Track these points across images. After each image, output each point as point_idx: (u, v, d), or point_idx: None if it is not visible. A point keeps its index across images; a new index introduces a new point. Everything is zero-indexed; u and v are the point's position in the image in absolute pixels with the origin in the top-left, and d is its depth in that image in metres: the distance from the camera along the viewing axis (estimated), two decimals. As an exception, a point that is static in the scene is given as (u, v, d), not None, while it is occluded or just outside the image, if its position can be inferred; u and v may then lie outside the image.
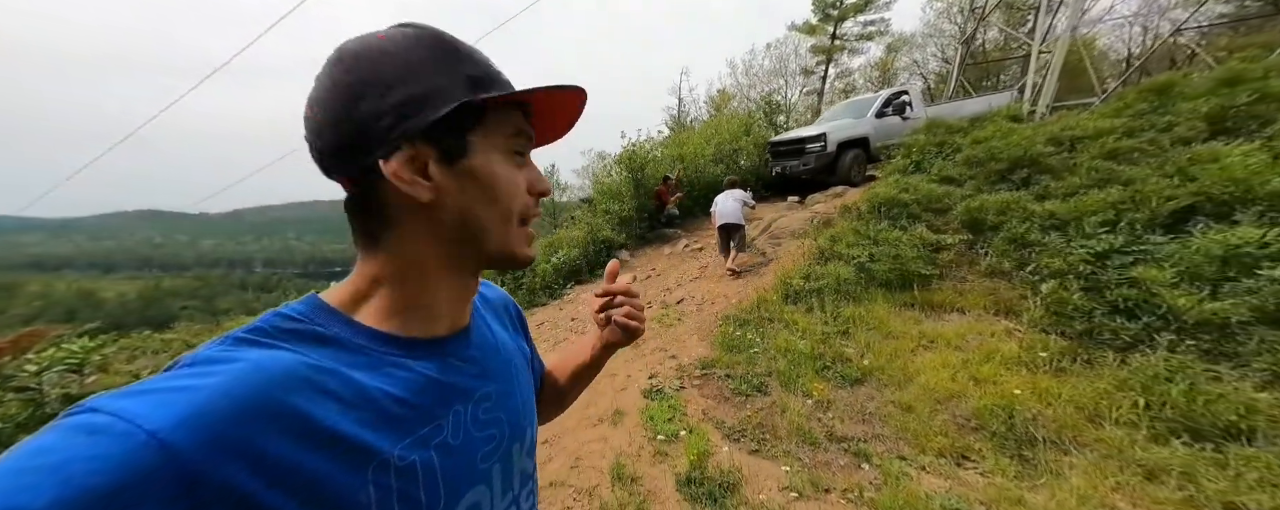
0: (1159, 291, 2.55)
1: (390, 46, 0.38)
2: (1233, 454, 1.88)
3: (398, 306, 0.41)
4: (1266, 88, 4.46)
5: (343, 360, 0.36)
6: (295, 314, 0.38)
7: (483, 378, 0.46)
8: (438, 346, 0.43)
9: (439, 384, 0.41)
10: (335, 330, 0.38)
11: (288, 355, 0.33)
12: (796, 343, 3.42)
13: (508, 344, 0.55)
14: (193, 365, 0.31)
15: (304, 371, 0.33)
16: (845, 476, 2.25)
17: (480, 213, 0.40)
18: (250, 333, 0.35)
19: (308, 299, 0.41)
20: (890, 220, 4.73)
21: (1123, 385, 2.30)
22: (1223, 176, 3.24)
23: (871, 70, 24.16)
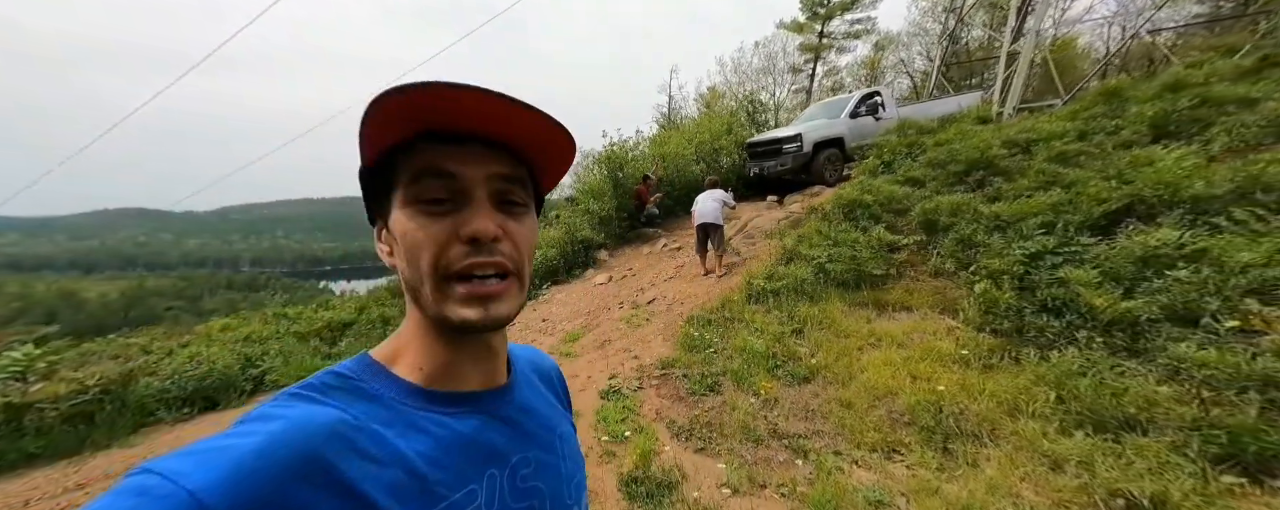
0: (1080, 291, 2.68)
1: None
2: (1129, 444, 2.01)
3: (424, 360, 0.41)
4: (1207, 93, 4.64)
5: (381, 417, 0.36)
6: (345, 371, 0.39)
7: (523, 442, 0.44)
8: (475, 402, 0.42)
9: (474, 444, 0.40)
10: (377, 387, 0.38)
11: (330, 412, 0.34)
12: (753, 342, 3.53)
13: (552, 412, 0.51)
14: (245, 422, 0.33)
15: (343, 430, 0.33)
16: (782, 472, 2.36)
17: (407, 275, 0.38)
18: (303, 388, 0.36)
19: (359, 357, 0.41)
20: (852, 221, 4.85)
21: (1040, 380, 2.43)
22: (1154, 180, 3.39)
23: (859, 69, 24.38)
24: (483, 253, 0.37)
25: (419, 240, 0.37)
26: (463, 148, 0.37)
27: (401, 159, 0.37)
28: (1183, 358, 2.13)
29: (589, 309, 5.36)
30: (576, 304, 5.67)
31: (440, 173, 0.37)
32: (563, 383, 0.61)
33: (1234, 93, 4.51)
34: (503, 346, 0.46)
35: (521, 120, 0.37)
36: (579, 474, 0.51)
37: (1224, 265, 2.46)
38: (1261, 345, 2.00)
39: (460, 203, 0.37)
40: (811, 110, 9.32)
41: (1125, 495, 1.80)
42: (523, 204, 0.41)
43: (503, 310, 0.38)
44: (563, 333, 4.71)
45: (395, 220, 0.38)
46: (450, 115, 0.35)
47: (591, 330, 4.63)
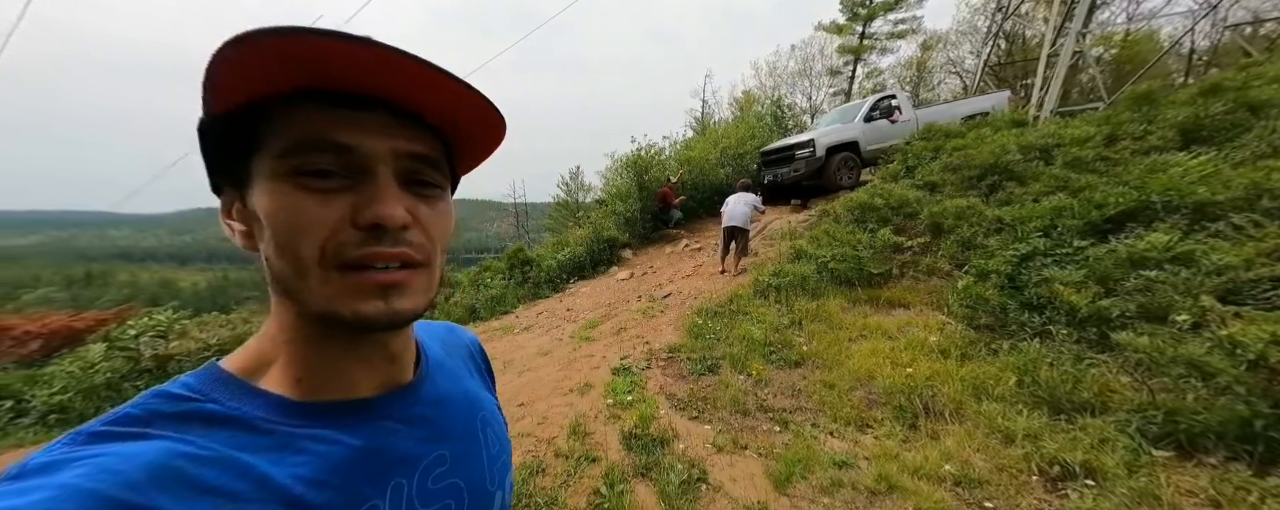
0: (1060, 290, 2.81)
1: None
2: (1080, 423, 2.18)
3: (301, 369, 0.34)
4: (1243, 97, 4.46)
5: (242, 443, 0.29)
6: (182, 391, 0.31)
7: (434, 440, 0.39)
8: (367, 409, 0.35)
9: (370, 455, 0.34)
10: (233, 406, 0.31)
11: (155, 447, 0.26)
12: (753, 331, 3.82)
13: (473, 395, 0.47)
14: (21, 476, 0.24)
15: (178, 464, 0.26)
16: (764, 439, 2.66)
17: (277, 264, 0.31)
18: (110, 424, 0.27)
19: (205, 369, 0.33)
20: (860, 224, 5.01)
21: (1007, 368, 2.60)
22: (1161, 186, 3.40)
23: (904, 69, 23.55)
24: (385, 242, 0.30)
25: (299, 223, 0.29)
26: (361, 113, 0.30)
27: (274, 116, 0.29)
28: (1126, 344, 2.27)
29: (609, 301, 5.79)
30: (598, 297, 6.12)
31: (334, 145, 0.29)
32: (484, 356, 0.57)
33: (1273, 96, 4.33)
34: (405, 346, 0.39)
35: (443, 89, 0.30)
36: (504, 454, 0.46)
37: (1202, 268, 2.53)
38: (1204, 337, 2.11)
39: (356, 179, 0.30)
40: (828, 116, 9.32)
41: (1062, 464, 1.99)
42: (438, 186, 0.35)
43: (407, 304, 0.31)
44: (584, 320, 5.16)
45: (262, 195, 0.30)
46: (348, 71, 0.28)
47: (609, 319, 5.05)
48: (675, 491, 2.24)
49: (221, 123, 0.30)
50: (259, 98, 0.29)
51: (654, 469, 2.41)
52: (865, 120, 7.59)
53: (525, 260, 7.41)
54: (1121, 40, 17.24)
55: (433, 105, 0.32)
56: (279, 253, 0.30)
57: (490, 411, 0.48)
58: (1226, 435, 1.87)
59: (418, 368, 0.42)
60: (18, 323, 5.58)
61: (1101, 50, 16.34)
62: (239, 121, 0.29)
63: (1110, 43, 16.43)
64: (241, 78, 0.27)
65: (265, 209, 0.30)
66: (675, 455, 2.54)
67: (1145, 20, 13.72)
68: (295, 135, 0.29)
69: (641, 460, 2.49)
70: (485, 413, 0.47)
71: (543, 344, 4.57)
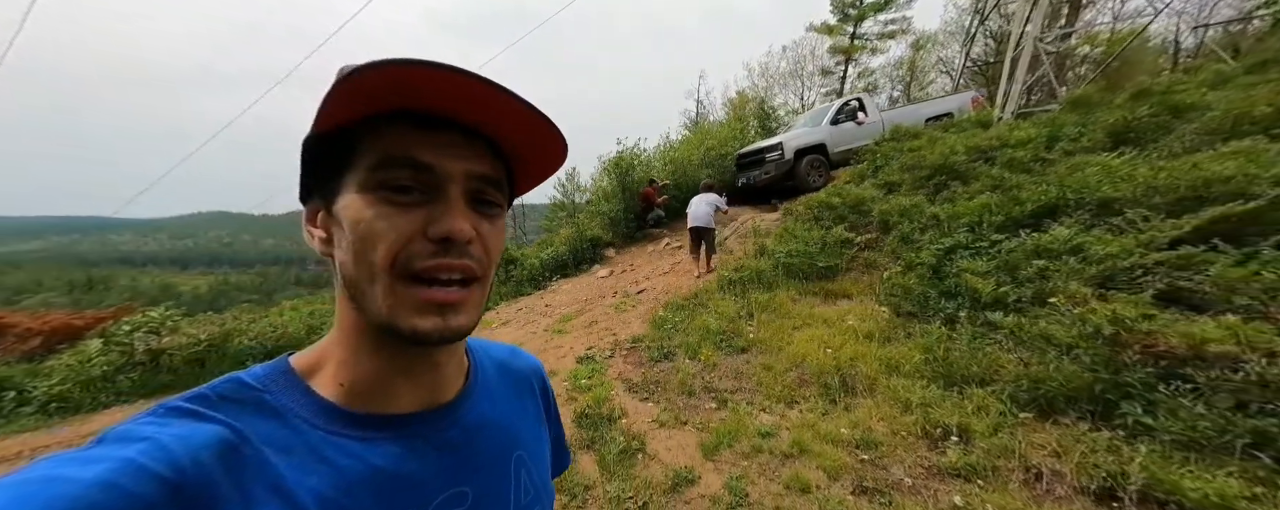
0: (969, 279, 3.09)
1: None
2: (967, 393, 2.46)
3: (344, 375, 0.35)
4: (1167, 101, 4.76)
5: (278, 440, 0.31)
6: (251, 379, 0.33)
7: (459, 471, 0.37)
8: (402, 426, 0.35)
9: (387, 478, 0.33)
10: (283, 400, 0.33)
11: (210, 433, 0.29)
12: (710, 322, 4.10)
13: (514, 429, 0.44)
14: (101, 442, 0.27)
15: (220, 456, 0.28)
16: (703, 415, 2.95)
17: (350, 269, 0.32)
18: (189, 400, 0.31)
19: (276, 361, 0.36)
20: (818, 221, 5.29)
21: (917, 348, 2.88)
22: (1075, 184, 3.69)
23: (895, 69, 23.73)
24: (452, 254, 0.32)
25: (377, 230, 0.31)
26: (439, 135, 0.32)
27: (367, 137, 0.32)
28: (999, 323, 2.55)
29: (587, 297, 6.06)
30: (577, 293, 6.39)
31: (415, 163, 0.31)
32: (545, 387, 0.53)
33: (1192, 99, 4.62)
34: (452, 358, 0.40)
35: (511, 113, 0.32)
36: (537, 506, 0.43)
37: (1088, 257, 2.82)
38: (1070, 316, 2.40)
39: (431, 196, 0.32)
40: (798, 121, 9.58)
41: (943, 426, 2.28)
42: (498, 205, 0.36)
43: (462, 322, 0.33)
44: (559, 315, 5.43)
45: (347, 204, 0.32)
46: (431, 96, 0.30)
47: (584, 314, 5.33)
48: (614, 459, 2.52)
49: (324, 140, 0.33)
50: (359, 118, 0.31)
51: (598, 442, 2.69)
52: (832, 123, 7.87)
53: (510, 259, 7.67)
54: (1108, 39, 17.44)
55: (500, 128, 0.34)
56: (355, 258, 0.32)
57: (533, 453, 0.45)
58: (1077, 398, 2.15)
59: (464, 387, 0.41)
60: (21, 320, 5.89)
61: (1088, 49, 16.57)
62: (338, 140, 0.32)
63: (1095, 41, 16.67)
64: (345, 103, 0.30)
65: (350, 216, 0.32)
66: (620, 430, 2.81)
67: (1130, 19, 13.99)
68: (383, 152, 0.31)
69: (589, 435, 2.77)
70: (524, 452, 0.44)
71: (517, 337, 4.84)
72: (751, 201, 8.41)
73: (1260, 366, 1.73)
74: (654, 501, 2.19)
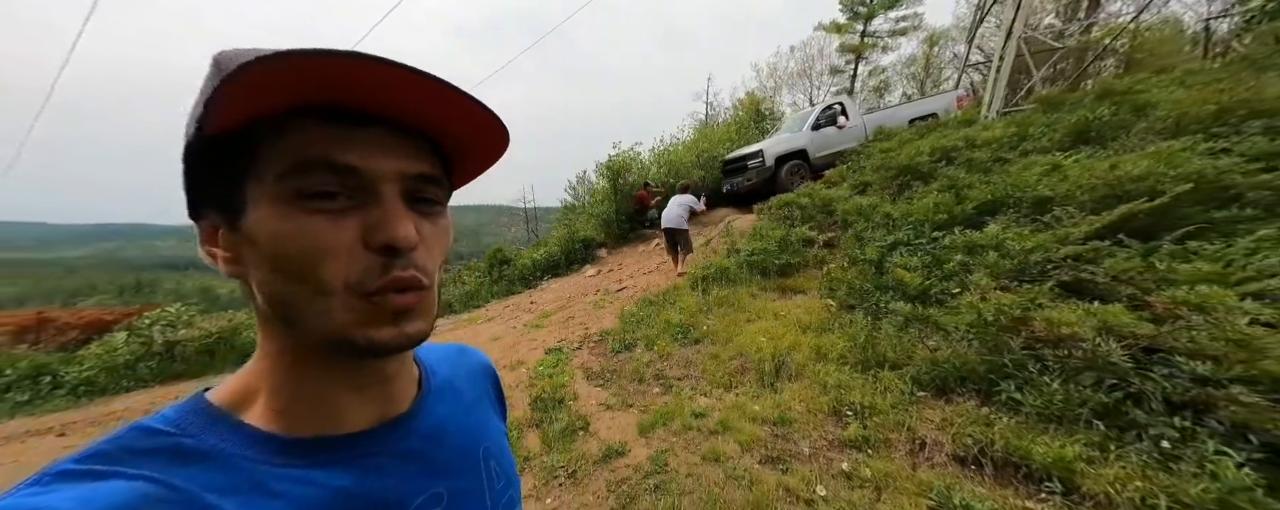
0: (900, 273, 3.24)
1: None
2: (881, 377, 2.63)
3: (281, 403, 0.31)
4: (1129, 100, 4.79)
5: (218, 484, 0.27)
6: (160, 425, 0.29)
7: (430, 475, 0.36)
8: (355, 446, 0.33)
9: (351, 499, 0.31)
10: (209, 441, 0.29)
11: (119, 489, 0.24)
12: (672, 316, 4.31)
13: (478, 425, 0.44)
14: None
15: (140, 508, 0.24)
16: (648, 400, 3.17)
17: (277, 289, 0.29)
18: (80, 461, 0.25)
19: (188, 400, 0.31)
20: (786, 221, 5.45)
21: (845, 337, 3.05)
22: (1016, 184, 3.80)
23: (906, 66, 23.19)
24: (397, 266, 0.29)
25: (311, 247, 0.27)
26: (363, 131, 0.28)
27: (267, 138, 0.27)
28: (915, 315, 2.71)
29: (571, 295, 6.33)
30: (563, 291, 6.67)
31: (332, 165, 0.27)
32: (496, 381, 0.53)
33: (1154, 98, 4.65)
34: (401, 369, 0.37)
35: (444, 102, 0.29)
36: (510, 490, 0.43)
37: (1007, 252, 2.95)
38: (967, 307, 2.55)
39: (360, 200, 0.29)
40: (782, 126, 9.59)
41: (851, 404, 2.46)
42: (439, 203, 0.33)
43: (420, 327, 0.30)
44: (541, 312, 5.71)
45: (259, 220, 0.28)
46: (349, 88, 0.26)
47: (564, 310, 5.60)
48: (556, 436, 2.77)
49: (213, 145, 0.27)
50: (255, 118, 0.26)
51: (545, 421, 2.94)
52: (813, 128, 7.92)
53: (504, 260, 8.00)
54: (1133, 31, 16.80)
55: (435, 121, 0.30)
56: (280, 278, 0.28)
57: (496, 443, 0.44)
58: (967, 378, 2.31)
59: (417, 396, 0.39)
60: (60, 315, 6.56)
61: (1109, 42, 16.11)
62: (231, 144, 0.27)
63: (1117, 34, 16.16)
64: (240, 99, 0.25)
65: (270, 233, 0.27)
66: (568, 412, 3.06)
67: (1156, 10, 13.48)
68: (293, 157, 0.27)
69: (538, 416, 3.02)
70: (490, 444, 0.43)
71: (498, 331, 5.13)
72: (737, 204, 8.56)
73: (1091, 346, 1.87)
74: (583, 470, 2.43)
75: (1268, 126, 3.31)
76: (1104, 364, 1.85)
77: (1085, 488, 1.68)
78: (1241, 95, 3.68)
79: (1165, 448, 1.63)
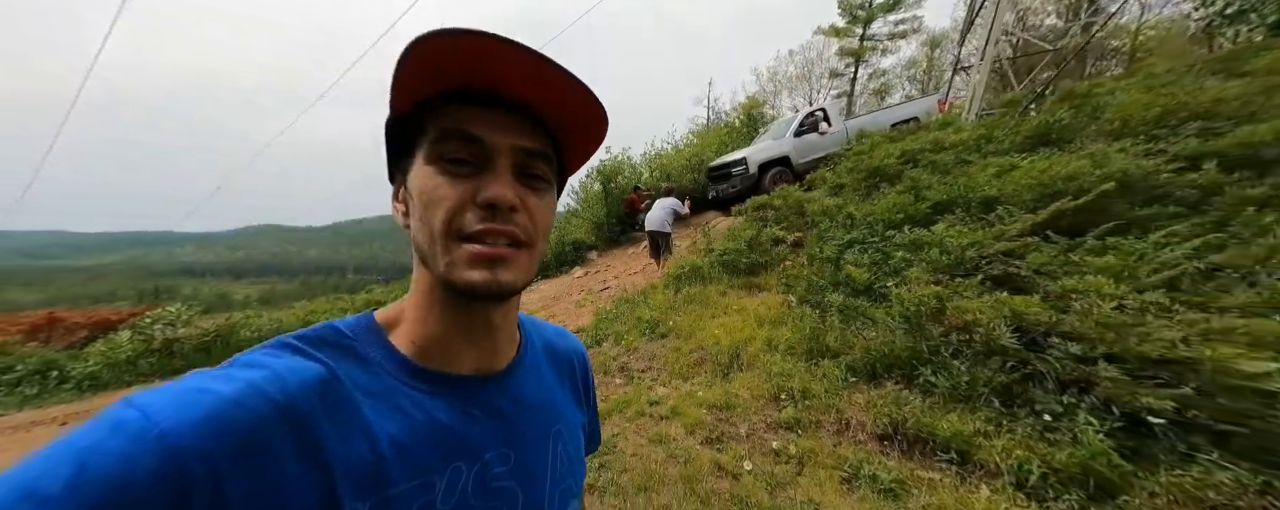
0: (850, 270, 3.37)
1: None
2: (822, 366, 2.76)
3: (416, 333, 0.38)
4: (1087, 103, 4.90)
5: (365, 385, 0.34)
6: (345, 328, 0.37)
7: (505, 441, 0.40)
8: (459, 387, 0.39)
9: (444, 432, 0.36)
10: (369, 351, 0.37)
11: (315, 369, 0.33)
12: (644, 313, 4.45)
13: (556, 406, 0.47)
14: (232, 366, 0.32)
15: (324, 390, 0.32)
16: (610, 390, 3.31)
17: (418, 234, 0.36)
18: (298, 339, 0.35)
19: (364, 315, 0.40)
20: (759, 221, 5.59)
21: (796, 330, 3.18)
22: (967, 185, 3.92)
23: (906, 69, 23.07)
24: (498, 219, 0.35)
25: (436, 198, 0.34)
26: (491, 112, 0.35)
27: (429, 116, 0.36)
28: (837, 304, 2.84)
29: (556, 295, 6.50)
30: (550, 292, 6.83)
31: (467, 136, 0.35)
32: (585, 372, 0.56)
33: (1101, 102, 4.76)
34: (506, 325, 0.42)
35: (560, 89, 0.35)
36: (570, 479, 0.45)
37: (947, 248, 3.07)
38: (903, 298, 2.67)
39: (482, 167, 0.35)
40: (765, 132, 9.57)
41: (789, 390, 2.59)
42: (545, 180, 0.39)
43: (510, 277, 0.35)
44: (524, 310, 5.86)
45: (414, 175, 0.36)
46: (487, 75, 0.34)
47: (546, 309, 5.76)
48: (520, 419, 2.90)
49: (400, 122, 0.36)
50: (417, 102, 0.35)
51: (512, 405, 3.08)
52: (795, 135, 7.91)
53: (497, 262, 8.16)
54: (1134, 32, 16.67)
55: (546, 103, 0.36)
56: (421, 224, 0.35)
57: (569, 427, 0.47)
58: (894, 365, 2.44)
59: (514, 360, 0.44)
60: (69, 315, 6.85)
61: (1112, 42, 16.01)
62: (410, 121, 0.36)
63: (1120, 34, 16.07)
64: (414, 84, 0.34)
65: (417, 186, 0.35)
66: (536, 398, 3.20)
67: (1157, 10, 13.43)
68: (442, 128, 0.35)
69: (507, 400, 3.16)
70: (562, 426, 0.46)
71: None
72: (722, 208, 8.67)
73: (986, 332, 2.00)
74: (538, 450, 2.57)
75: (1203, 128, 3.41)
76: (1000, 348, 1.98)
77: (977, 458, 1.80)
78: (1182, 99, 3.78)
79: (1047, 421, 1.75)
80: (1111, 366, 1.73)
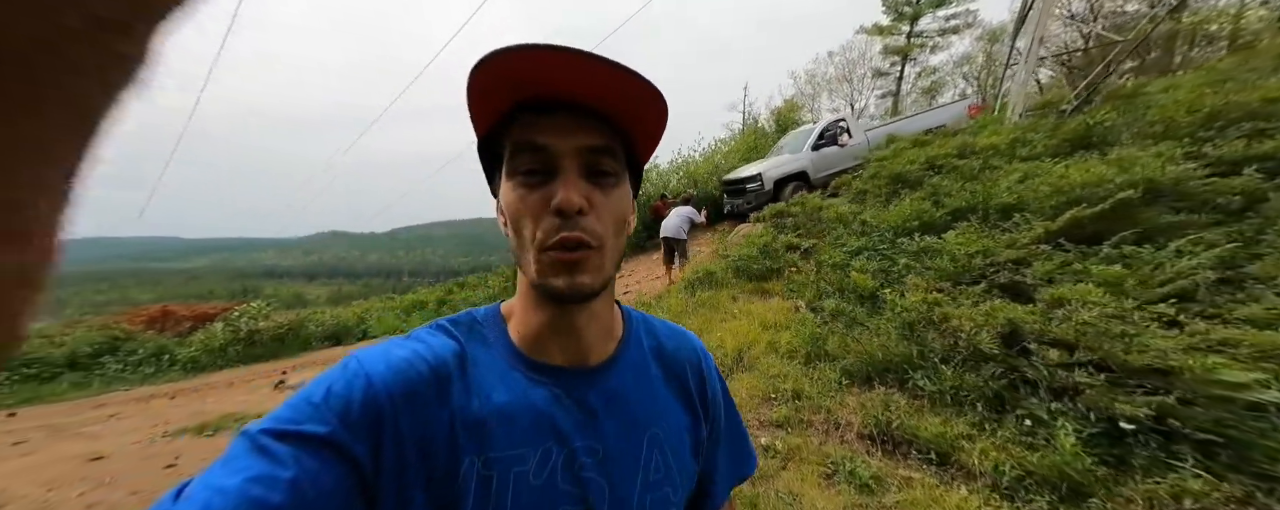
0: (856, 277, 3.36)
1: None
2: (819, 368, 2.79)
3: (521, 325, 0.43)
4: (1131, 104, 4.57)
5: (486, 363, 0.41)
6: (479, 316, 0.45)
7: (592, 433, 0.41)
8: (553, 376, 0.42)
9: (539, 413, 0.40)
10: (492, 335, 0.43)
11: (451, 346, 0.41)
12: (658, 316, 4.59)
13: (653, 408, 0.46)
14: (409, 338, 0.41)
15: (459, 364, 0.40)
16: (622, 383, 3.47)
17: (512, 244, 0.40)
18: (448, 322, 0.43)
19: (494, 305, 0.46)
20: (777, 228, 5.59)
21: (798, 334, 3.21)
22: (985, 192, 3.79)
23: (962, 65, 21.33)
24: (567, 226, 0.36)
25: (518, 212, 0.38)
26: (553, 118, 0.37)
27: (504, 132, 0.38)
28: (838, 310, 2.84)
29: (581, 296, 6.75)
30: (576, 293, 7.09)
31: (533, 146, 0.37)
32: (701, 376, 0.52)
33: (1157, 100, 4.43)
34: (592, 324, 0.43)
35: (611, 83, 0.36)
36: (667, 487, 0.44)
37: (953, 256, 3.01)
38: (898, 304, 2.65)
39: (551, 174, 0.37)
40: (781, 144, 9.16)
41: (784, 391, 2.65)
42: (613, 174, 0.40)
43: (585, 280, 0.37)
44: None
45: (502, 192, 0.39)
46: (541, 84, 0.35)
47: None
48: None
49: (485, 142, 0.41)
50: (496, 120, 0.38)
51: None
52: (813, 148, 7.56)
53: (522, 266, 8.66)
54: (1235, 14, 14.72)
55: (604, 100, 0.37)
56: (513, 235, 0.39)
57: (670, 432, 0.45)
58: (889, 369, 2.44)
59: (611, 356, 0.45)
60: (178, 309, 8.07)
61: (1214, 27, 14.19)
62: (490, 141, 0.40)
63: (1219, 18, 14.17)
64: (483, 106, 0.37)
65: (505, 202, 0.39)
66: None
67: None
68: (515, 142, 0.38)
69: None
70: (661, 431, 0.45)
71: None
72: (740, 217, 8.59)
73: (968, 338, 1.98)
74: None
75: (1255, 130, 3.14)
76: (990, 355, 1.96)
77: (957, 459, 1.81)
78: (1233, 98, 3.49)
79: (1027, 426, 1.73)
80: (1099, 374, 1.69)
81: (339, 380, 0.35)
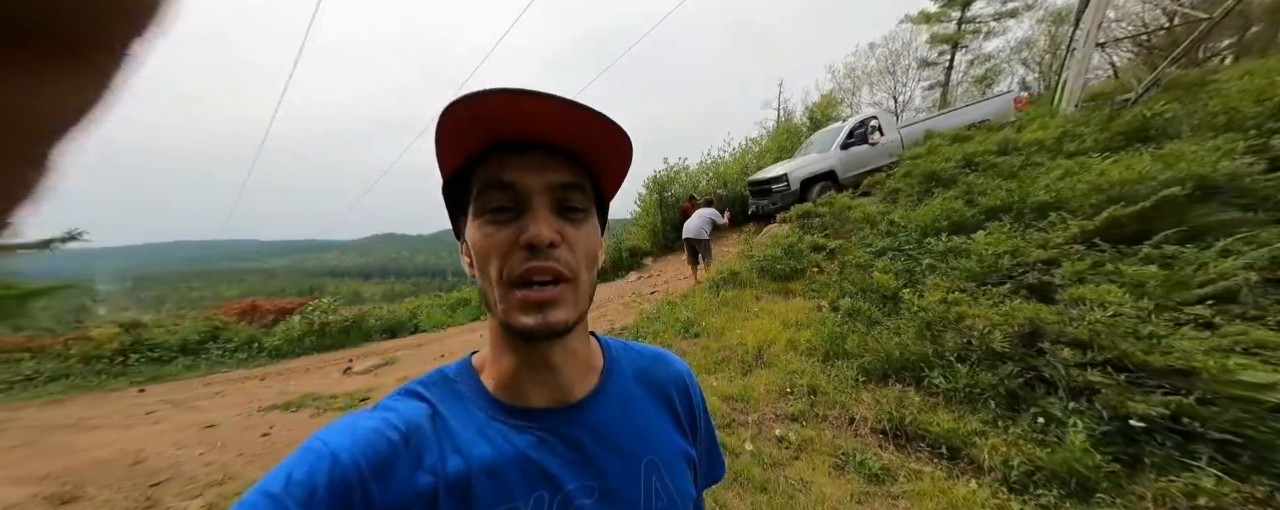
0: (879, 277, 3.33)
1: None
2: (837, 366, 2.82)
3: (495, 372, 0.42)
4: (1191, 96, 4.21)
5: (463, 418, 0.39)
6: (451, 373, 0.43)
7: (585, 471, 0.40)
8: (536, 420, 0.41)
9: (527, 462, 0.38)
10: (465, 390, 0.41)
11: (423, 409, 0.39)
12: (682, 315, 4.72)
13: (647, 435, 0.45)
14: (377, 408, 0.40)
15: (431, 427, 0.38)
16: (646, 377, 3.63)
17: (480, 283, 0.39)
18: (418, 384, 0.42)
19: (465, 359, 0.45)
20: (803, 228, 5.55)
21: (819, 332, 3.24)
22: (1021, 191, 3.64)
23: (1021, 50, 19.36)
24: (538, 258, 0.36)
25: (486, 249, 0.37)
26: (524, 156, 0.37)
27: (474, 172, 0.38)
28: (857, 310, 2.83)
29: (608, 298, 6.99)
30: (603, 295, 7.34)
31: (502, 183, 0.37)
32: (688, 398, 0.51)
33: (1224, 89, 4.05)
34: (568, 363, 0.42)
35: (578, 124, 0.36)
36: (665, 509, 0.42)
37: (979, 257, 2.94)
38: (915, 304, 2.63)
39: (521, 210, 0.37)
40: (809, 143, 8.86)
41: (801, 387, 2.71)
42: (582, 209, 0.40)
43: (558, 317, 0.37)
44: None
45: (469, 231, 0.39)
46: (512, 124, 0.36)
47: (597, 310, 6.25)
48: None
49: (450, 183, 0.40)
50: (464, 161, 0.38)
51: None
52: (842, 147, 7.32)
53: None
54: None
55: (573, 140, 0.38)
56: (480, 274, 0.38)
57: (666, 458, 0.45)
58: (906, 367, 2.45)
59: (594, 389, 0.44)
60: (263, 303, 9.14)
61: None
62: (459, 181, 0.39)
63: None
64: (453, 148, 0.37)
65: (473, 240, 0.38)
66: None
67: None
68: (483, 180, 0.37)
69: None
70: (656, 457, 0.44)
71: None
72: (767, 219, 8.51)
73: (980, 337, 1.96)
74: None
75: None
76: (1005, 354, 1.95)
77: (968, 454, 1.82)
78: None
79: (1040, 424, 1.73)
80: (1119, 374, 1.66)
81: (299, 465, 0.33)
